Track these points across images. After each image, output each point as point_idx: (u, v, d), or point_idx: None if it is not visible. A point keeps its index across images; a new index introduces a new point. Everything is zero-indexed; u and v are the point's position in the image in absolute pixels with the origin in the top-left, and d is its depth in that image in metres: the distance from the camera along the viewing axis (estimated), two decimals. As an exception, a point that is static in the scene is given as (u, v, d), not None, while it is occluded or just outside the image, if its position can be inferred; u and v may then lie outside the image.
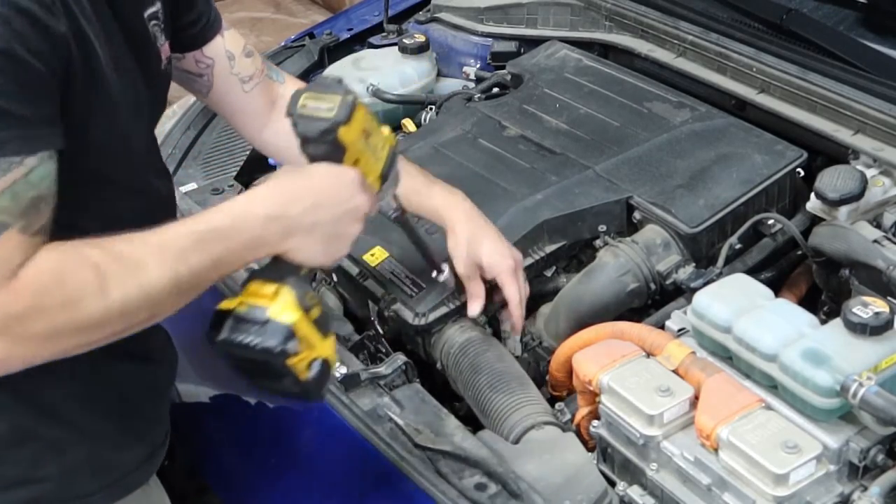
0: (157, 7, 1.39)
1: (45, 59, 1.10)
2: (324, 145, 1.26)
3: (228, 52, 1.58)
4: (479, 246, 1.63)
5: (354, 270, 1.80)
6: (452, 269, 1.65)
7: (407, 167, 1.60)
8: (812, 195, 1.71)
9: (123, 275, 1.14)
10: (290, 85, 1.68)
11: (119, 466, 1.38)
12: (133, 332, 1.19)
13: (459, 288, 1.67)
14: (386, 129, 1.36)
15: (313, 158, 1.28)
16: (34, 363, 1.13)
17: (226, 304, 1.24)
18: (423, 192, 1.64)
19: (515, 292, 1.64)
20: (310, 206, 1.25)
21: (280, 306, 1.22)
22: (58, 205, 1.16)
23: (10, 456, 1.29)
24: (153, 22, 1.39)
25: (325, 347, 1.27)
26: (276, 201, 1.24)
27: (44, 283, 1.10)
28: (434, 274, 1.64)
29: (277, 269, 1.26)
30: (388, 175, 1.35)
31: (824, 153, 1.86)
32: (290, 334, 1.22)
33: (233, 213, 1.22)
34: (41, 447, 1.30)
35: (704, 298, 1.49)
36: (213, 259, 1.20)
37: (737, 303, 1.46)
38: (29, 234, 1.10)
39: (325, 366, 1.27)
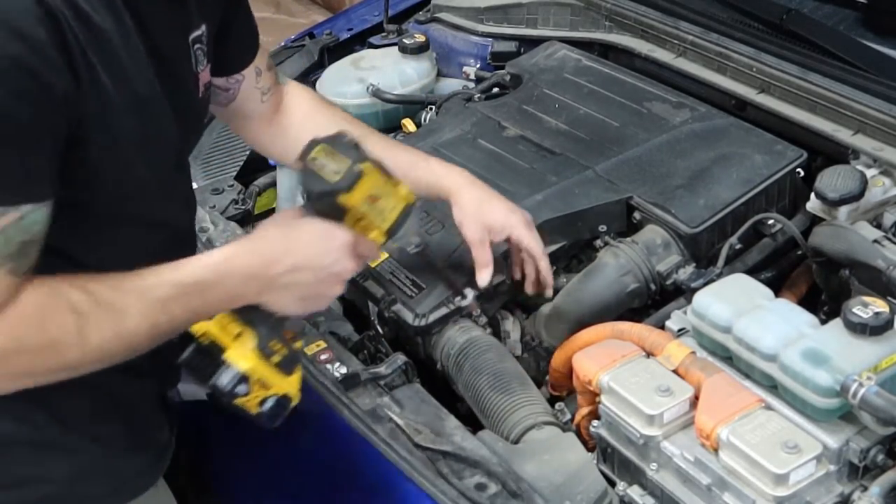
0: (201, 30, 1.39)
1: (42, 115, 1.10)
2: (323, 205, 1.29)
3: (257, 68, 1.59)
4: (489, 206, 1.62)
5: (354, 271, 1.80)
6: (476, 290, 1.65)
7: (396, 146, 1.62)
8: (812, 195, 1.71)
9: (103, 321, 1.16)
10: (291, 86, 1.70)
11: (127, 470, 1.39)
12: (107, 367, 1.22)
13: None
14: (403, 189, 1.36)
15: (313, 212, 1.30)
16: (6, 393, 1.17)
17: (196, 328, 1.27)
18: (420, 165, 1.64)
19: (537, 244, 1.64)
20: (290, 267, 1.26)
21: (238, 352, 1.27)
22: (73, 242, 1.20)
23: (22, 456, 1.30)
24: (196, 45, 1.38)
25: (287, 384, 1.31)
26: (257, 261, 1.26)
27: (24, 325, 1.12)
28: (458, 299, 1.64)
29: (249, 312, 1.29)
30: (396, 231, 1.37)
31: (824, 153, 1.86)
32: (242, 379, 1.26)
33: (216, 269, 1.24)
34: (52, 449, 1.32)
35: (704, 298, 1.49)
36: (192, 310, 1.23)
37: (737, 303, 1.46)
38: (16, 276, 1.12)
39: (283, 400, 1.31)
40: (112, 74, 1.18)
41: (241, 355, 1.27)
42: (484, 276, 1.62)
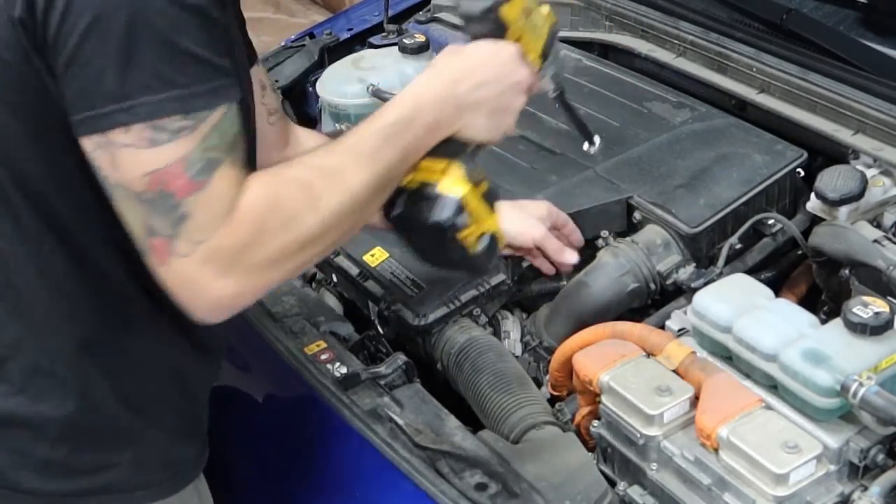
0: None
1: (223, 20, 1.17)
2: (486, 23, 1.32)
3: (262, 81, 1.60)
4: (518, 207, 1.70)
5: (355, 271, 1.80)
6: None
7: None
8: (812, 195, 1.71)
9: (329, 186, 1.21)
10: (301, 129, 1.71)
11: (181, 458, 1.41)
12: (341, 242, 1.29)
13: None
14: (545, 8, 1.40)
15: (476, 37, 1.34)
16: (263, 292, 1.20)
17: (400, 183, 1.31)
18: None
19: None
20: (474, 84, 1.31)
21: (450, 181, 1.29)
22: None
23: (89, 442, 1.32)
24: None
25: (493, 222, 1.34)
26: (442, 84, 1.31)
27: (261, 210, 1.16)
28: (586, 146, 1.64)
29: (446, 147, 1.31)
30: (548, 53, 1.39)
31: (824, 153, 1.86)
32: (460, 208, 1.29)
33: (410, 105, 1.29)
34: (119, 435, 1.34)
35: (704, 298, 1.49)
36: (403, 150, 1.27)
37: (737, 303, 1.46)
38: (237, 168, 1.17)
39: (494, 240, 1.34)
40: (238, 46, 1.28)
41: (453, 183, 1.29)
42: (572, 257, 1.72)
